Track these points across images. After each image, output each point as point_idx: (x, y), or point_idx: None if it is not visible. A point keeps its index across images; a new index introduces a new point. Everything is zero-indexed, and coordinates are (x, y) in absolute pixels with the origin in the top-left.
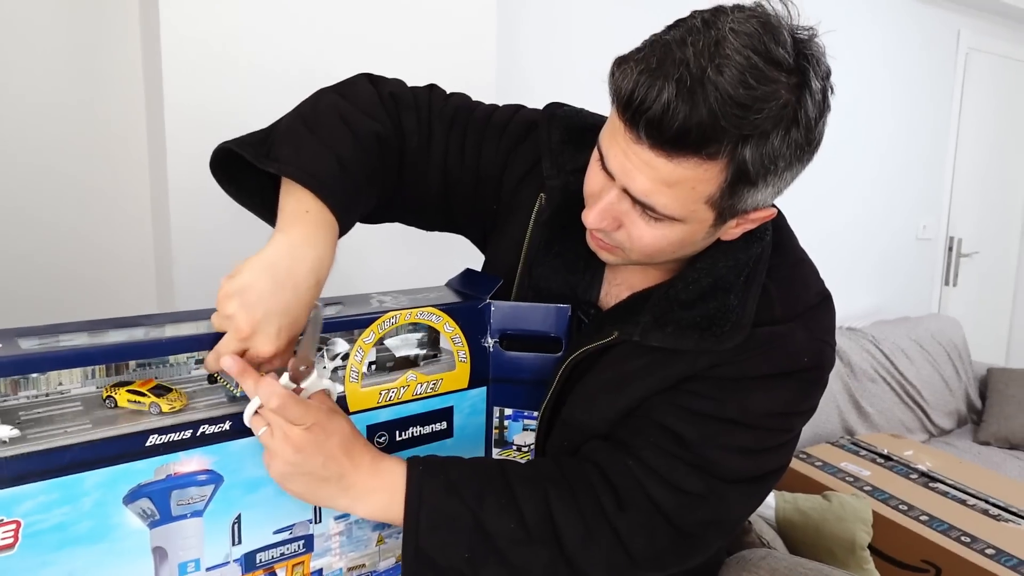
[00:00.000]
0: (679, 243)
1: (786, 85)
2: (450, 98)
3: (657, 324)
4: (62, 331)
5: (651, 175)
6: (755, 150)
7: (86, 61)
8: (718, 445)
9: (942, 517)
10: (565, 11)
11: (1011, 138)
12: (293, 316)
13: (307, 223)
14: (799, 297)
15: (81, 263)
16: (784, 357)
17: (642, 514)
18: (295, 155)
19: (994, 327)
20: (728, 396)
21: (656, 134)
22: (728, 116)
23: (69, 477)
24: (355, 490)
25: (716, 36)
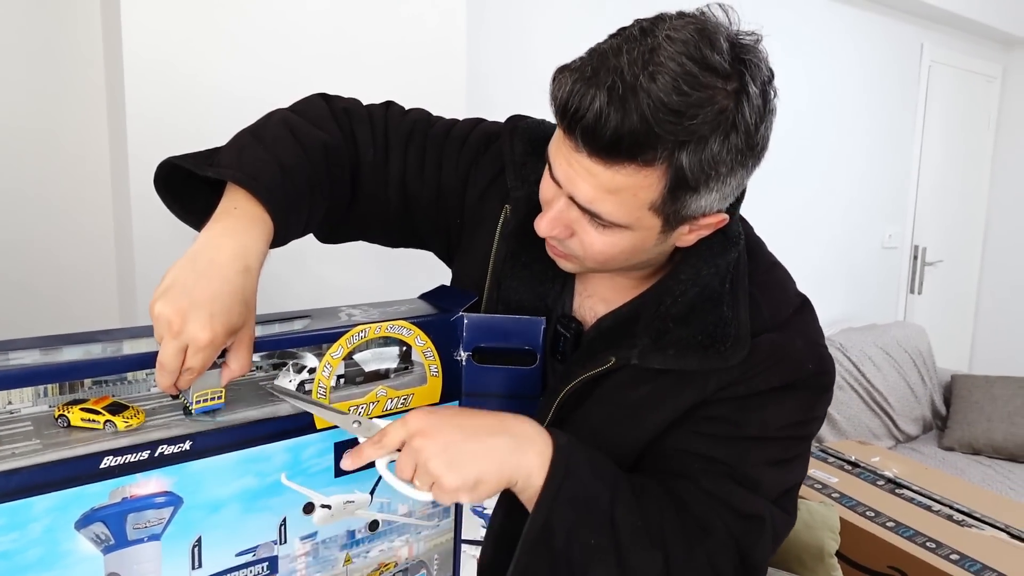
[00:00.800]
0: (631, 250)
1: (723, 91)
2: (407, 113)
3: (657, 346)
4: (12, 348)
5: (593, 183)
6: (693, 156)
7: (47, 76)
8: (751, 462)
9: (908, 523)
10: (532, 22)
11: (972, 150)
12: (225, 303)
13: (231, 217)
14: (782, 300)
15: (42, 278)
16: (789, 368)
17: (720, 540)
18: (236, 160)
19: (957, 334)
20: (744, 416)
21: (591, 142)
22: (662, 123)
23: (17, 502)
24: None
25: (652, 44)
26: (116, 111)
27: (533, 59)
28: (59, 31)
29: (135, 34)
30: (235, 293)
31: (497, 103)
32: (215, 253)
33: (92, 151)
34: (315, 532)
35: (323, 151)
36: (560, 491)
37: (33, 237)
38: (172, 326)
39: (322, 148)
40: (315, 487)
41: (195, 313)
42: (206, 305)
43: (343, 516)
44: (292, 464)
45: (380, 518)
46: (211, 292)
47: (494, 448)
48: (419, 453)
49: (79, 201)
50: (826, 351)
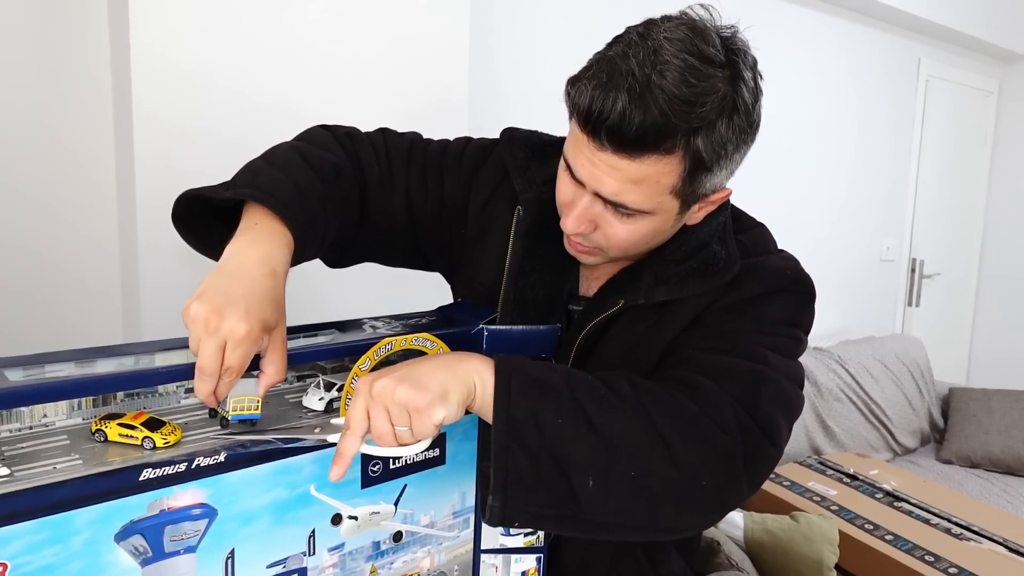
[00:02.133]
0: (652, 233)
1: (721, 78)
2: (403, 135)
3: (659, 281)
4: (48, 361)
5: (618, 176)
6: (706, 139)
7: (53, 83)
8: (751, 344)
9: (907, 536)
10: (534, 33)
11: (969, 163)
12: (257, 299)
13: (252, 231)
14: (765, 245)
15: (45, 287)
16: (769, 276)
17: (710, 392)
18: (252, 181)
19: (955, 347)
20: (737, 316)
21: (617, 139)
22: (677, 113)
23: (59, 515)
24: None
25: (653, 45)
26: (123, 119)
27: (535, 70)
28: (66, 39)
29: (143, 42)
30: (266, 293)
31: (500, 112)
32: (242, 259)
33: (97, 159)
34: (342, 543)
35: (333, 171)
36: (511, 383)
37: (37, 245)
38: (209, 324)
39: (332, 168)
40: (342, 498)
41: (231, 308)
42: (241, 301)
43: (369, 527)
44: (321, 475)
45: (404, 529)
46: (244, 291)
47: (443, 363)
48: (383, 396)
49: (84, 209)
50: (803, 269)
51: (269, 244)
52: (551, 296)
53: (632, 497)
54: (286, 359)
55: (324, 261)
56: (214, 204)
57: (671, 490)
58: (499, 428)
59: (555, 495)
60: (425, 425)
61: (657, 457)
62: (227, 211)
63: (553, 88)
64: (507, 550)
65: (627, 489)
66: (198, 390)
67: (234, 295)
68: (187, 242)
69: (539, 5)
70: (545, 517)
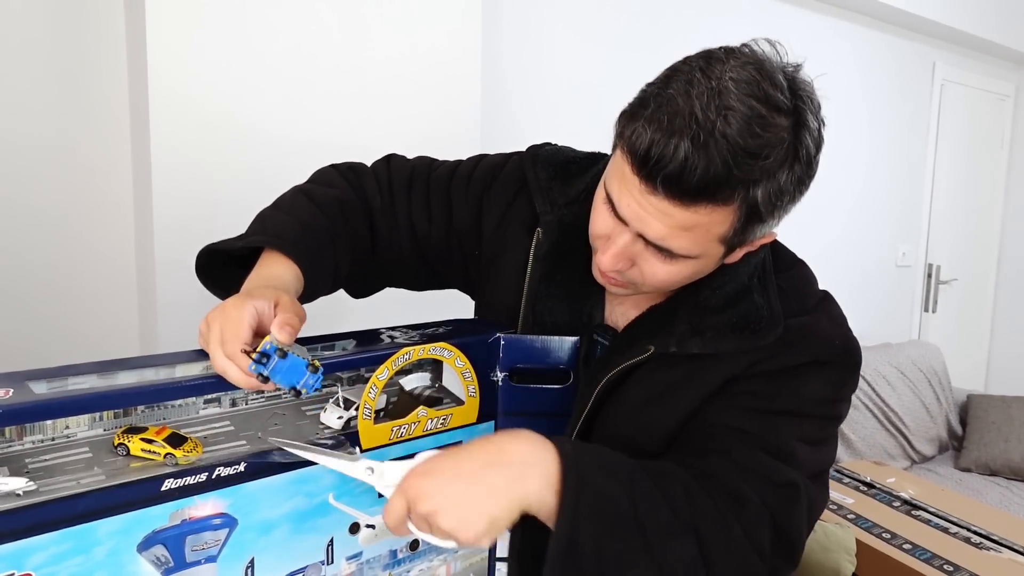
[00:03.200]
0: (691, 275)
1: (786, 127)
2: (408, 162)
3: (694, 331)
4: (71, 373)
5: (667, 222)
6: (764, 190)
7: (72, 103)
8: (783, 435)
9: (925, 545)
10: (547, 45)
11: (986, 168)
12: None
13: (263, 267)
14: (807, 292)
15: (63, 301)
16: (817, 345)
17: (755, 510)
18: (260, 228)
19: (973, 353)
20: (776, 389)
21: (675, 187)
22: (740, 165)
23: (83, 526)
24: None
25: (718, 87)
26: (140, 141)
27: (547, 78)
28: (84, 57)
29: (160, 62)
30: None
31: (512, 120)
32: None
33: (115, 176)
34: (360, 552)
35: (337, 206)
36: (578, 505)
37: (58, 262)
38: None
39: (336, 203)
40: (360, 507)
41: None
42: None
43: (386, 536)
44: (339, 484)
45: (421, 537)
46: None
47: (497, 486)
48: (427, 518)
49: (102, 229)
50: (851, 333)
51: (278, 268)
52: (572, 322)
53: None
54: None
55: (348, 292)
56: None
57: None
58: (558, 551)
59: None
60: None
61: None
62: (247, 260)
63: (565, 95)
64: None
65: None
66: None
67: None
68: (212, 292)
69: (550, 14)
70: None
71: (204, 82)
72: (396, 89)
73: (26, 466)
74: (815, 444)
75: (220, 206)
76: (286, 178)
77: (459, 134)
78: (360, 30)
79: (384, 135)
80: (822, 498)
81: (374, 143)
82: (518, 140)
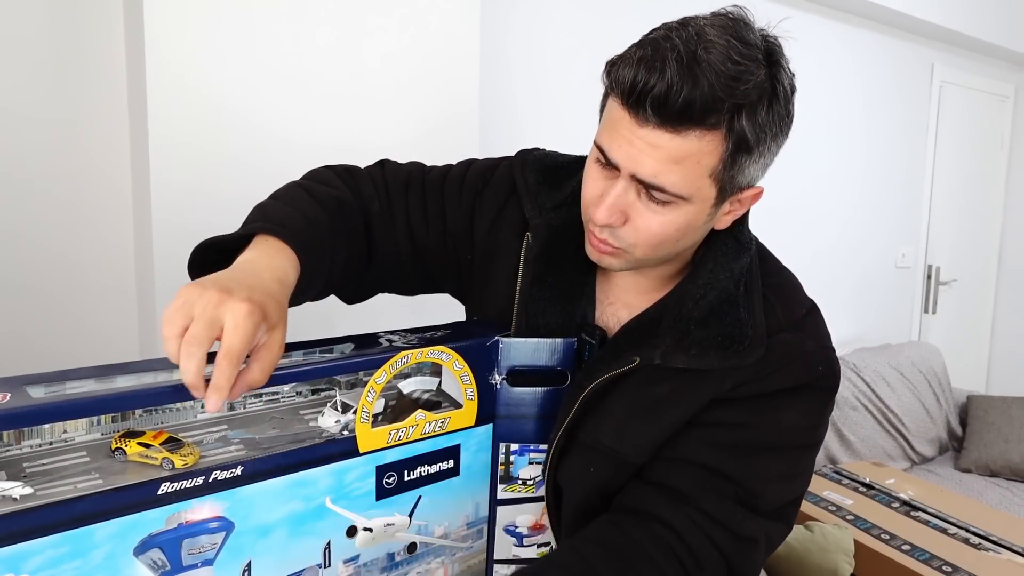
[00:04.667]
0: (684, 228)
1: (762, 64)
2: (402, 166)
3: (679, 347)
4: (69, 378)
5: (658, 155)
6: (748, 120)
7: (69, 93)
8: (761, 477)
9: (924, 546)
10: (545, 49)
11: (985, 169)
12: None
13: (261, 247)
14: (794, 302)
15: (62, 293)
16: (801, 369)
17: (714, 566)
18: (262, 216)
19: (973, 354)
20: (759, 419)
21: (663, 110)
22: (723, 88)
23: (80, 530)
24: None
25: (695, 29)
26: (138, 131)
27: (546, 81)
28: (82, 50)
29: (159, 55)
30: (273, 293)
31: (510, 122)
32: (252, 266)
33: (113, 170)
34: (357, 555)
35: (337, 204)
36: None
37: (52, 256)
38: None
39: (335, 202)
40: (357, 510)
41: (237, 288)
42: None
43: (384, 539)
44: (336, 488)
45: (418, 540)
46: (250, 281)
47: None
48: None
49: (101, 222)
50: (834, 354)
51: (279, 258)
52: (563, 323)
53: None
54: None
55: (340, 297)
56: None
57: None
58: None
59: None
60: None
61: None
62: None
63: (564, 98)
64: (520, 560)
65: None
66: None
67: (241, 281)
68: None
69: (548, 17)
70: None
71: (203, 77)
72: (394, 87)
73: (24, 470)
74: (789, 479)
75: (219, 200)
76: (284, 173)
77: (456, 126)
78: (358, 27)
79: (382, 132)
80: (782, 529)
81: (372, 138)
82: (517, 142)
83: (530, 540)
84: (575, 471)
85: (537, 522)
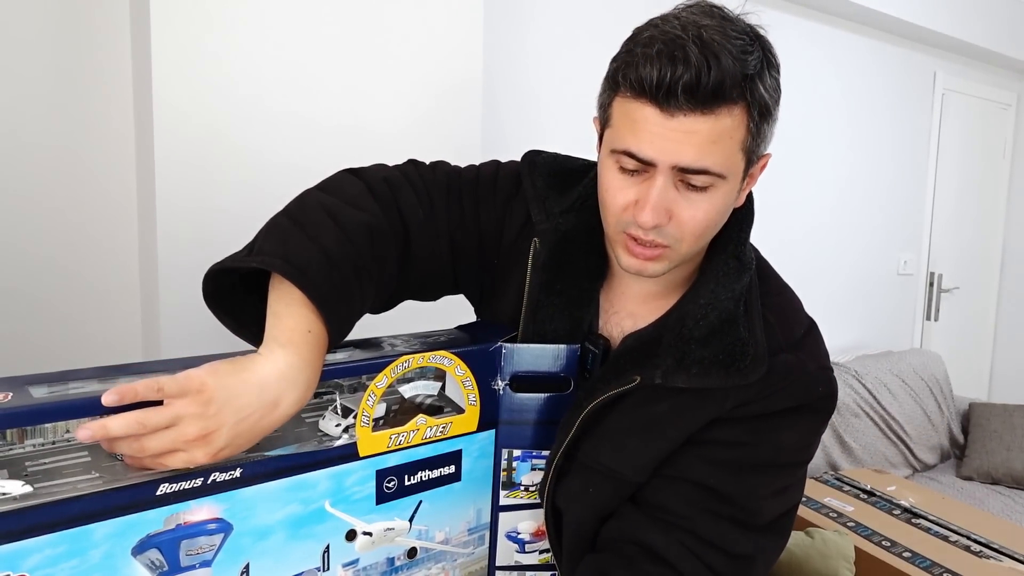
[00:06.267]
0: (723, 209)
1: (751, 37)
2: (435, 168)
3: (680, 366)
4: (72, 378)
5: (696, 140)
6: (762, 87)
7: (76, 101)
8: (755, 493)
9: (924, 554)
10: (551, 44)
11: (987, 176)
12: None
13: (306, 346)
14: (794, 322)
15: (67, 302)
16: (802, 390)
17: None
18: (281, 250)
19: (975, 362)
20: (759, 438)
21: (695, 95)
22: (738, 60)
23: (78, 529)
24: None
25: (684, 20)
26: (144, 143)
27: (550, 76)
28: (89, 64)
29: (164, 70)
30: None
31: (515, 116)
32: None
33: (119, 181)
34: (356, 559)
35: (367, 233)
36: None
37: (59, 265)
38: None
39: (366, 230)
40: (357, 514)
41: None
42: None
43: (383, 543)
44: (335, 491)
45: (418, 545)
46: (250, 436)
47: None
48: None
49: (106, 229)
50: (833, 374)
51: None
52: (570, 330)
53: None
54: None
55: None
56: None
57: None
58: None
59: None
60: None
61: None
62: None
63: (566, 100)
64: (522, 567)
65: None
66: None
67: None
68: (225, 324)
69: (552, 17)
70: None
71: (208, 91)
72: (399, 104)
73: (25, 469)
74: (783, 492)
75: (224, 213)
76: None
77: (460, 136)
78: (363, 44)
79: (387, 150)
80: (779, 543)
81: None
82: (521, 137)
83: (532, 546)
84: (573, 492)
85: (539, 528)
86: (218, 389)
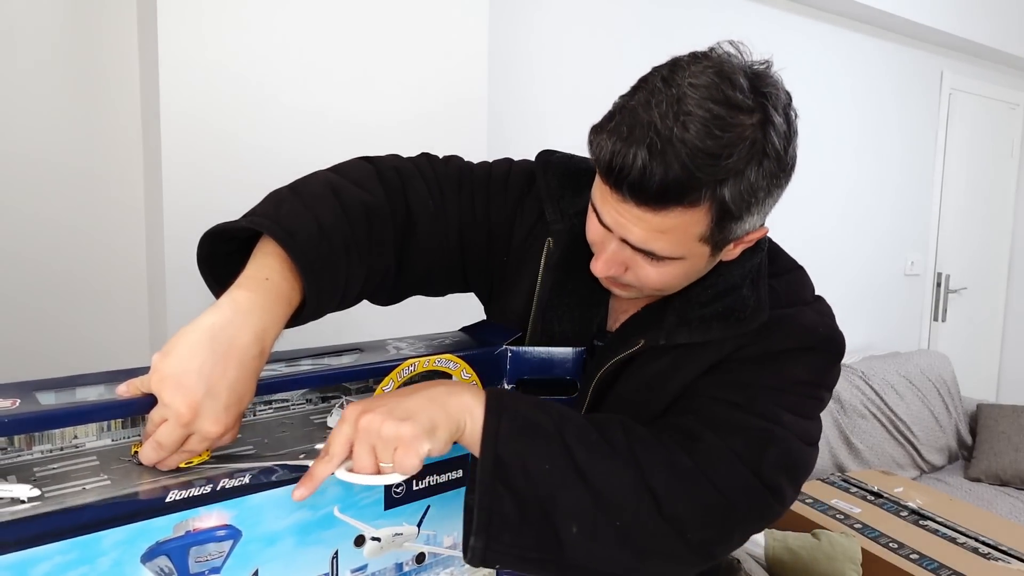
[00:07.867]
0: (684, 275)
1: (750, 125)
2: (448, 161)
3: (681, 322)
4: (79, 384)
5: (644, 226)
6: (733, 189)
7: (84, 114)
8: (767, 402)
9: (932, 556)
10: (555, 41)
11: (994, 176)
12: (239, 391)
13: (260, 290)
14: (799, 293)
15: (74, 309)
16: (802, 331)
17: (710, 445)
18: (274, 212)
19: (983, 363)
20: (759, 369)
21: (639, 194)
22: (701, 167)
23: (87, 536)
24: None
25: (677, 93)
26: (152, 147)
27: (554, 74)
28: (96, 68)
29: (171, 73)
30: (250, 377)
31: (518, 111)
32: (236, 332)
33: (127, 185)
34: (365, 565)
35: (364, 211)
36: (501, 422)
37: (67, 268)
38: (181, 418)
39: (363, 208)
40: (365, 520)
41: (209, 405)
42: (222, 396)
43: (392, 548)
44: (344, 497)
45: (426, 550)
46: (228, 381)
47: (434, 397)
48: (370, 430)
49: (114, 234)
50: (837, 326)
51: (270, 314)
52: (579, 330)
53: (617, 547)
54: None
55: (373, 301)
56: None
57: (656, 543)
58: (486, 468)
59: (539, 539)
60: (409, 460)
61: (644, 510)
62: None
63: (571, 99)
64: None
65: (612, 539)
66: (145, 456)
67: (216, 386)
68: (211, 289)
69: (558, 15)
70: (527, 560)
71: (215, 94)
72: (405, 105)
73: (34, 475)
74: (799, 415)
75: (231, 215)
76: None
77: (466, 136)
78: (369, 49)
79: (393, 151)
80: (805, 454)
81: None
82: (524, 139)
83: None
84: None
85: None
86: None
